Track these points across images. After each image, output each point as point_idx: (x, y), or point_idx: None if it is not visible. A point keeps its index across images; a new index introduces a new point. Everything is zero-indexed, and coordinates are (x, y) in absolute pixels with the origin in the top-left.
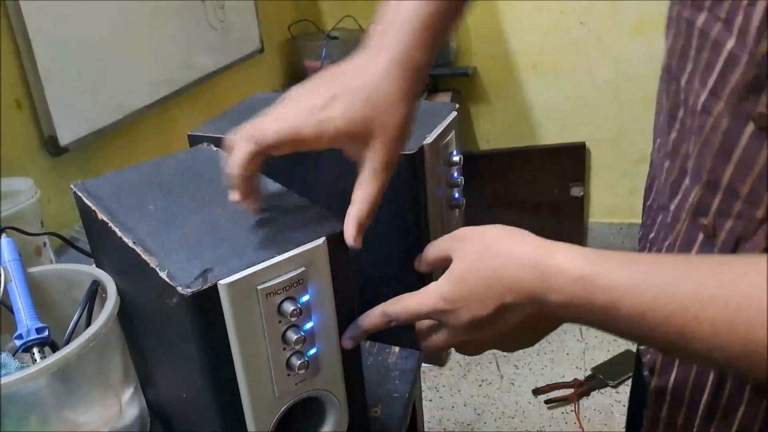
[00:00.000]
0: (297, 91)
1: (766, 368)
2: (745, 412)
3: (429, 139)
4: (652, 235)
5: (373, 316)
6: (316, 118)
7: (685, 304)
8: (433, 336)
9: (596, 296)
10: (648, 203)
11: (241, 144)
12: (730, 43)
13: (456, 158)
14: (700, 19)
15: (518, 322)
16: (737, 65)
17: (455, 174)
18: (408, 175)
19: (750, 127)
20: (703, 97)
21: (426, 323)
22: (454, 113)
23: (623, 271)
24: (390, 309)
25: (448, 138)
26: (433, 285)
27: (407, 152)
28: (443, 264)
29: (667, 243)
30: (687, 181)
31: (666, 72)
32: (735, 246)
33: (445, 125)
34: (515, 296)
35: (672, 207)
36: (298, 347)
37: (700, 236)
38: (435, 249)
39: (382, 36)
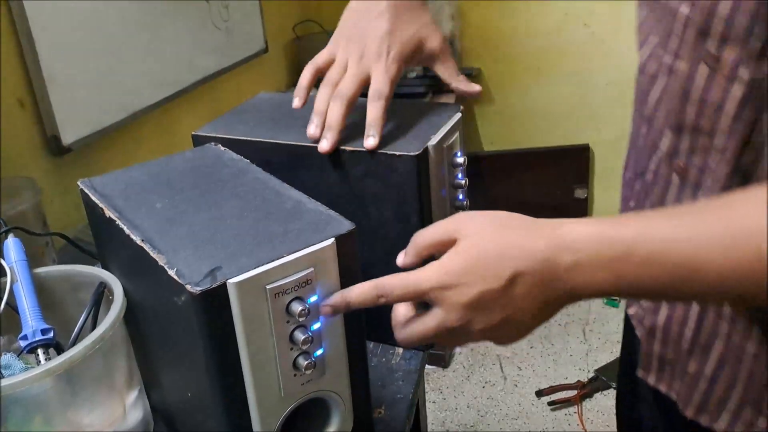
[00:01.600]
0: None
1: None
2: (721, 347)
3: (433, 141)
4: (632, 204)
5: (362, 289)
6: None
7: (697, 242)
8: (418, 322)
9: (606, 248)
10: (628, 176)
11: (336, 104)
12: (685, 9)
13: (460, 159)
14: None
15: (523, 296)
16: (691, 25)
17: (459, 175)
18: (412, 177)
19: (703, 69)
20: (667, 58)
21: (405, 312)
22: (459, 114)
23: (631, 222)
24: (384, 282)
25: (452, 139)
26: (434, 262)
27: (411, 153)
28: (442, 249)
29: (648, 201)
30: (662, 136)
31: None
32: (701, 180)
33: (449, 126)
34: (528, 264)
35: (651, 166)
36: (305, 347)
37: (675, 179)
38: (433, 233)
39: None
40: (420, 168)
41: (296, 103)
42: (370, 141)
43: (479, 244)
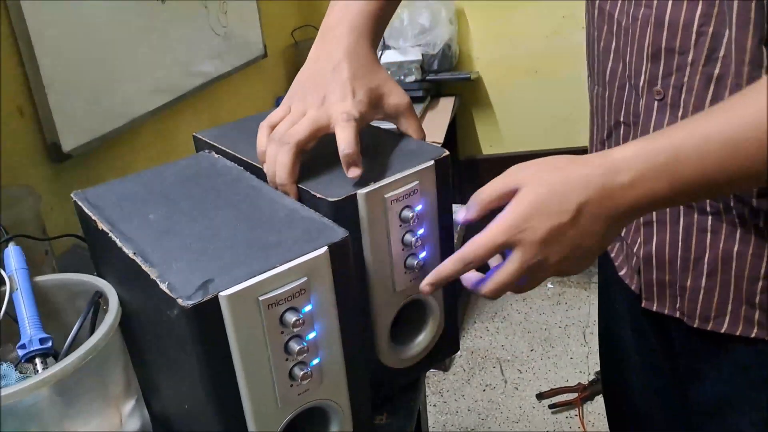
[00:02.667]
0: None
1: None
2: (709, 257)
3: (367, 188)
4: None
5: (451, 263)
6: (366, 89)
7: (732, 127)
8: (501, 270)
9: (655, 158)
10: (599, 138)
11: (283, 151)
12: None
13: (410, 214)
14: None
15: (591, 224)
16: None
17: (414, 233)
18: None
19: None
20: (639, 11)
21: (475, 275)
22: (431, 162)
23: (669, 130)
24: (465, 250)
25: (404, 188)
26: (500, 215)
27: (330, 198)
28: (503, 201)
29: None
30: (641, 72)
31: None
32: (679, 98)
33: (405, 174)
34: (588, 193)
35: (627, 112)
36: (300, 357)
37: (655, 105)
38: (494, 188)
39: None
40: (341, 216)
41: (265, 167)
42: (354, 171)
43: (539, 187)
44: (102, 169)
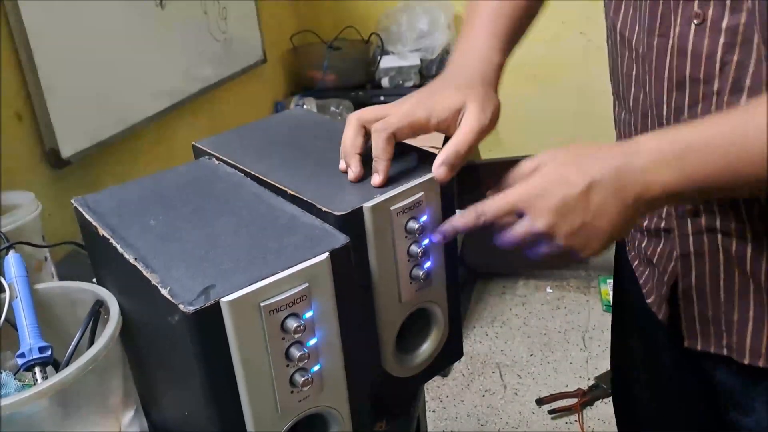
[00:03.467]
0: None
1: None
2: (754, 286)
3: (373, 201)
4: None
5: (464, 214)
6: (424, 105)
7: (740, 128)
8: (508, 230)
9: (668, 147)
10: None
11: (378, 133)
12: None
13: (416, 225)
14: None
15: (601, 203)
16: None
17: (420, 244)
18: None
19: (693, 27)
20: (653, 40)
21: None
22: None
23: (685, 126)
24: (480, 204)
25: (410, 200)
26: (520, 183)
27: (336, 213)
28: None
29: None
30: (663, 102)
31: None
32: None
33: (410, 185)
34: (602, 173)
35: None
36: (301, 364)
37: None
38: (524, 166)
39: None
40: (347, 229)
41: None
42: (375, 178)
43: (557, 163)
44: (101, 174)
